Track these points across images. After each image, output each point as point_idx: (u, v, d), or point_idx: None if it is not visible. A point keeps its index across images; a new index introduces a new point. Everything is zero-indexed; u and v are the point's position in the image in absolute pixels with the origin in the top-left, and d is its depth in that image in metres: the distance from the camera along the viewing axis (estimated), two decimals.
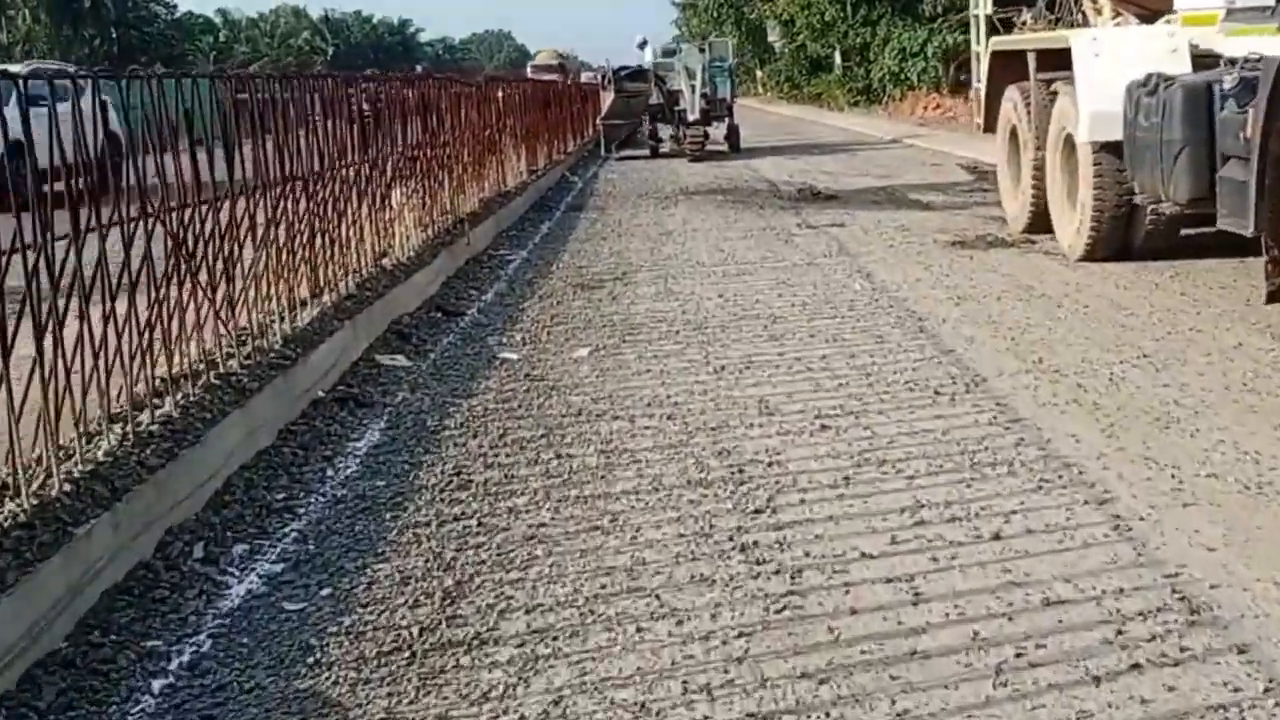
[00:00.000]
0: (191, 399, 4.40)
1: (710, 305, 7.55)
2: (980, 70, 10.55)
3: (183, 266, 4.56)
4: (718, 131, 22.91)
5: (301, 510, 4.17)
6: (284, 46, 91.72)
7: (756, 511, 3.89)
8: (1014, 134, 9.64)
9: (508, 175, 13.33)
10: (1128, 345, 5.89)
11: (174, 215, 4.54)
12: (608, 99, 21.73)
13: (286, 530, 3.99)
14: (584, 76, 34.13)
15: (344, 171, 6.82)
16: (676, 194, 15.12)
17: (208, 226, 4.82)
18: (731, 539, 3.67)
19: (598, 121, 22.76)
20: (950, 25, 39.57)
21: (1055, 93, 8.71)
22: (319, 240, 6.38)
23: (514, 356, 6.41)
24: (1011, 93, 9.56)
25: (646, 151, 22.92)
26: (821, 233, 10.74)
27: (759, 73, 68.47)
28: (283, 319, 5.74)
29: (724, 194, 14.89)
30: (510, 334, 7.04)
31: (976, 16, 10.98)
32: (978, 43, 10.99)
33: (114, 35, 65.03)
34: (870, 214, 11.97)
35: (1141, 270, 7.82)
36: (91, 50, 63.32)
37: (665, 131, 22.72)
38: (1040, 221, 9.16)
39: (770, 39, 62.07)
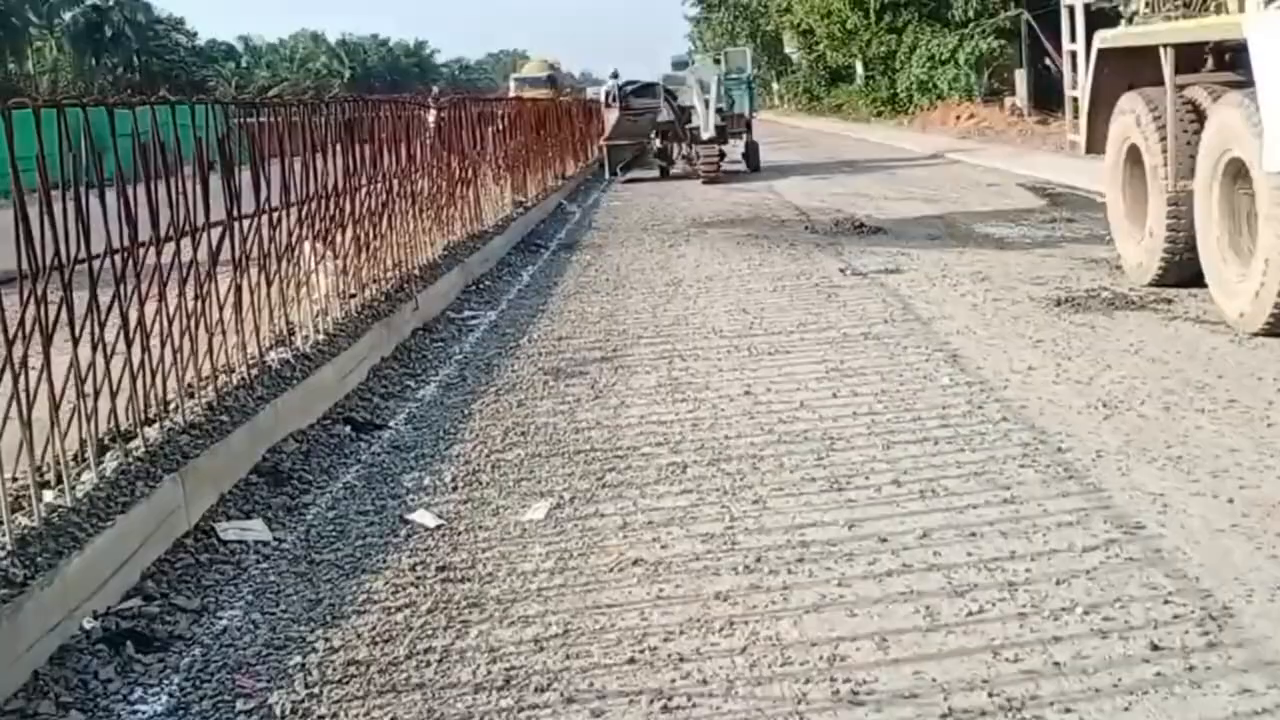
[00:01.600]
0: None
1: (734, 412, 5.23)
2: (1081, 75, 8.22)
3: None
4: (734, 150, 20.68)
5: None
6: (303, 70, 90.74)
7: None
8: (1133, 156, 7.32)
9: (486, 211, 11.09)
10: None
11: None
12: (611, 117, 19.50)
13: None
14: (590, 93, 31.90)
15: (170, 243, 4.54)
16: (687, 227, 12.83)
17: None
18: None
19: (600, 141, 20.53)
20: (983, 30, 37.50)
21: (1198, 104, 6.41)
22: (136, 343, 4.13)
23: (430, 522, 4.12)
24: (1132, 103, 7.23)
25: (655, 173, 20.72)
26: (874, 283, 8.41)
27: (775, 85, 66.39)
28: (36, 498, 3.49)
29: (744, 226, 12.59)
30: (438, 468, 4.74)
31: (1070, 6, 8.66)
32: (1071, 39, 8.66)
33: (136, 63, 64.66)
34: (932, 254, 9.64)
35: None
36: (115, 78, 62.63)
37: (677, 150, 20.52)
38: (1177, 272, 6.84)
39: (787, 50, 60.01)
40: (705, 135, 18.75)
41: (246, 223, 5.25)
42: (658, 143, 20.50)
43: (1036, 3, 37.35)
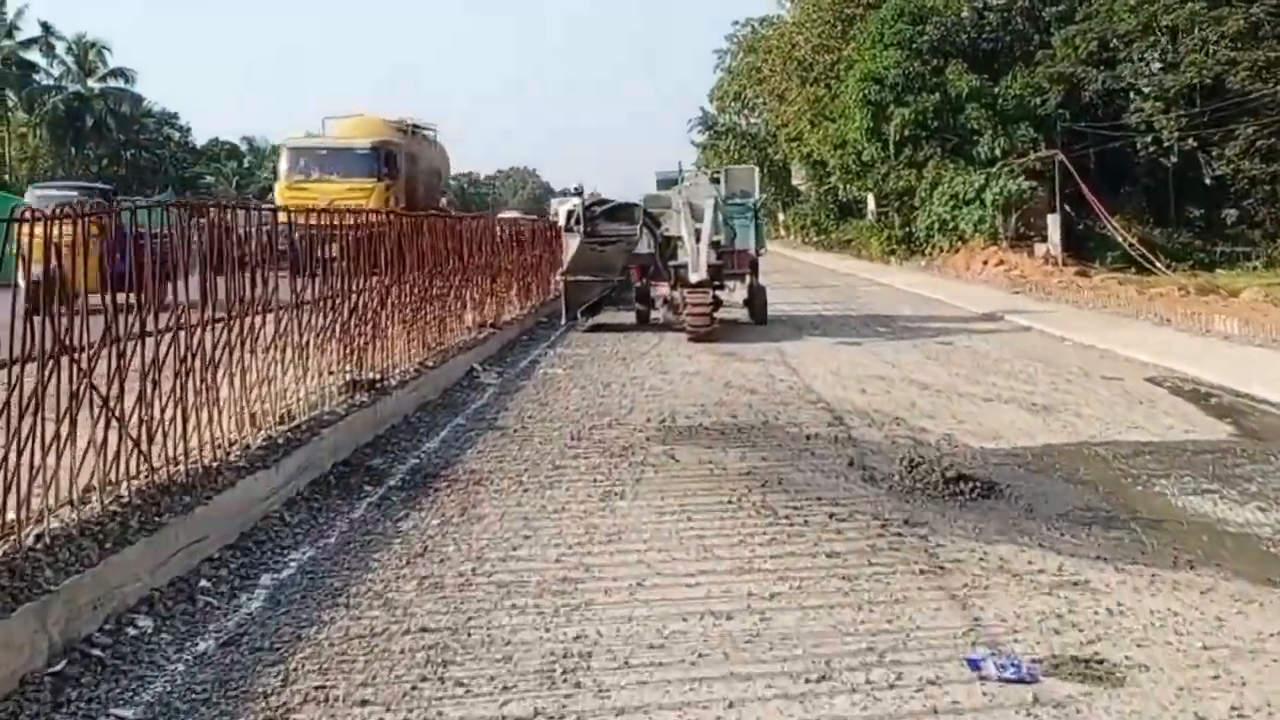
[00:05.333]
0: None
1: None
2: None
3: None
4: (734, 293, 15.85)
5: None
6: None
7: None
8: None
9: (255, 419, 5.97)
10: None
11: None
12: (572, 244, 14.68)
13: None
14: (557, 209, 27.22)
15: None
16: (648, 438, 7.69)
17: None
18: None
19: (556, 276, 15.70)
20: (1012, 170, 33.55)
21: None
22: None
23: None
24: None
25: (632, 318, 15.84)
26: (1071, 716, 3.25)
27: (782, 216, 62.79)
28: None
29: (741, 443, 7.48)
30: None
31: None
32: None
33: (125, 156, 62.09)
34: (1141, 597, 4.40)
35: None
36: (99, 169, 59.53)
37: (661, 289, 15.65)
38: None
39: (795, 181, 56.58)
40: (694, 277, 13.84)
41: None
42: (638, 279, 15.68)
43: (1070, 143, 33.80)
